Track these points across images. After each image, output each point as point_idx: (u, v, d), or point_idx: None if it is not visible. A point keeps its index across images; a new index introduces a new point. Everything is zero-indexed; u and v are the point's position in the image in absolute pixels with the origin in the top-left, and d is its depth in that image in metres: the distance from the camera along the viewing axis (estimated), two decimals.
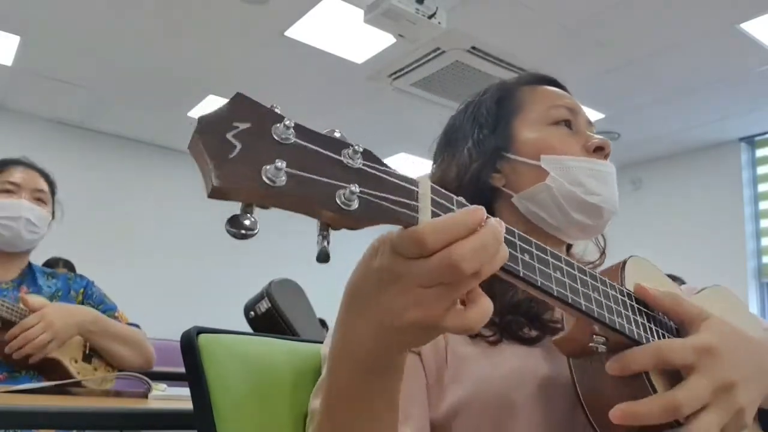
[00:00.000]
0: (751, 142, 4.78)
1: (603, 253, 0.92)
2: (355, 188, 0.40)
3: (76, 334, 1.55)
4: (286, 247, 5.83)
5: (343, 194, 0.40)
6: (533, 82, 0.92)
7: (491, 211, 0.86)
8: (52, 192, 1.74)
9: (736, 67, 3.70)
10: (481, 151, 0.84)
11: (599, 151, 0.83)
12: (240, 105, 0.40)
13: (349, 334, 0.51)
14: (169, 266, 5.38)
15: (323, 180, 0.40)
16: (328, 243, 0.42)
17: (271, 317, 1.79)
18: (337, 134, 0.43)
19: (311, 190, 0.39)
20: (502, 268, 0.47)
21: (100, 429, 1.09)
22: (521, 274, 0.50)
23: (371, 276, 0.47)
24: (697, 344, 0.58)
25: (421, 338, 0.48)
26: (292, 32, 3.59)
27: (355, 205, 0.41)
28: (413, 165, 5.28)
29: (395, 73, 3.97)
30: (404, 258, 0.44)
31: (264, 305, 1.81)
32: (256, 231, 0.38)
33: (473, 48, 3.58)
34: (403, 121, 4.73)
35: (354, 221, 0.41)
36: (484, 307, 0.45)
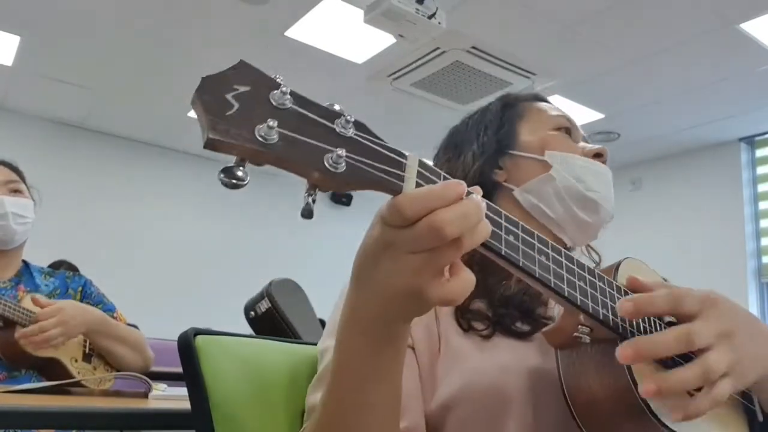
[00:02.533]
0: (751, 142, 4.78)
1: (597, 266, 0.95)
2: (342, 152, 0.42)
3: (83, 333, 1.55)
4: (286, 247, 5.83)
5: (331, 157, 0.42)
6: (533, 99, 0.99)
7: None
8: (23, 179, 1.72)
9: (736, 67, 3.69)
10: (485, 152, 0.89)
11: (598, 157, 0.89)
12: (242, 70, 0.43)
13: (354, 304, 0.53)
14: (169, 266, 5.38)
15: (313, 142, 0.42)
16: (313, 201, 0.44)
17: (271, 317, 1.79)
18: (336, 107, 0.46)
19: (301, 151, 0.42)
20: (484, 245, 0.48)
21: (100, 429, 1.10)
22: (503, 252, 0.51)
23: (370, 247, 0.49)
24: (703, 295, 0.61)
25: (413, 308, 0.50)
26: (292, 32, 3.59)
27: (342, 168, 0.43)
28: None
29: (395, 73, 3.97)
30: (392, 227, 0.46)
31: (264, 305, 1.81)
32: (246, 182, 0.40)
33: (473, 48, 3.58)
34: (403, 121, 4.73)
35: (340, 183, 0.43)
36: (466, 279, 0.47)
